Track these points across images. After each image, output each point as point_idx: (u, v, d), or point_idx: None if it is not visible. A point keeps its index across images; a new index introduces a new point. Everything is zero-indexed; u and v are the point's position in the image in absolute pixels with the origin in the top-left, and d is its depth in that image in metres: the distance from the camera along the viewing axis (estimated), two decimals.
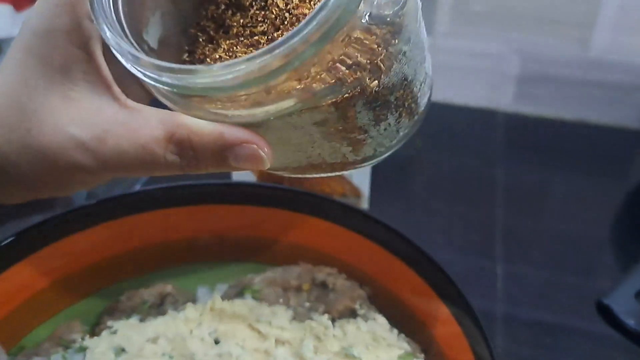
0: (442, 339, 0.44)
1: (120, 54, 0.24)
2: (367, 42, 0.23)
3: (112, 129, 0.26)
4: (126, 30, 0.26)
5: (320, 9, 0.21)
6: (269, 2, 0.26)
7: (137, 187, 0.59)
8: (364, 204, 0.65)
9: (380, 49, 0.24)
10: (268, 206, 0.51)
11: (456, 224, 0.71)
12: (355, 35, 0.23)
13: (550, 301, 0.61)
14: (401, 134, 0.29)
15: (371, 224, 0.47)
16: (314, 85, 0.23)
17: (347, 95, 0.24)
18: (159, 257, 0.50)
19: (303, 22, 0.21)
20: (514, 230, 0.69)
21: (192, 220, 0.51)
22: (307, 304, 0.47)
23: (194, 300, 0.47)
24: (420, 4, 0.26)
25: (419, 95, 0.28)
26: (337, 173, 0.29)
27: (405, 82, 0.26)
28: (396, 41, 0.24)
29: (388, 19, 0.23)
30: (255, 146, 0.25)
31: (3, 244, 0.42)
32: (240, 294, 0.47)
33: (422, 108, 0.29)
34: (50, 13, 0.26)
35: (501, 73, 0.84)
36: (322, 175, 0.29)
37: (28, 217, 0.51)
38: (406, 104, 0.27)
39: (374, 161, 0.29)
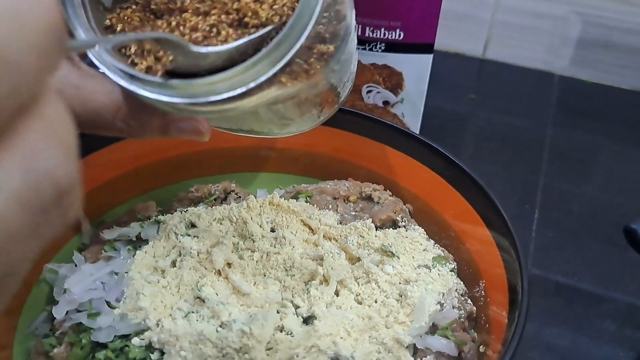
0: (477, 254, 0.47)
1: (113, 72, 0.27)
2: (306, 63, 0.28)
3: (65, 90, 0.27)
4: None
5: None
6: None
7: None
8: None
9: (315, 66, 0.28)
10: (325, 125, 0.55)
11: (500, 173, 0.74)
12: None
13: (576, 268, 0.63)
14: (321, 118, 0.35)
15: (420, 145, 0.51)
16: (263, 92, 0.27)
17: (283, 99, 0.29)
18: (225, 162, 0.56)
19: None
20: (554, 192, 0.71)
21: None
22: (353, 213, 0.52)
23: None
24: (354, 24, 0.31)
25: (342, 92, 0.34)
26: (260, 137, 0.36)
27: (331, 87, 0.32)
28: (330, 62, 0.29)
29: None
30: (196, 122, 0.30)
31: None
32: (294, 197, 0.52)
33: (343, 99, 0.35)
34: None
35: (561, 35, 0.85)
36: (248, 136, 0.36)
37: None
38: (329, 99, 0.33)
39: (294, 134, 0.36)
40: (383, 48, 0.62)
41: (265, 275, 0.43)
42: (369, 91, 0.67)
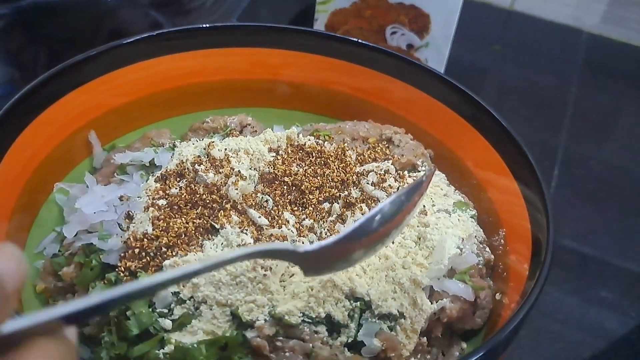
0: (499, 203, 0.46)
1: None
2: None
3: None
4: None
5: None
6: None
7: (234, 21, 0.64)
8: None
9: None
10: (344, 59, 0.53)
11: (520, 128, 0.71)
12: None
13: (592, 228, 0.61)
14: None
15: (447, 87, 0.49)
16: None
17: None
18: (241, 95, 0.54)
19: None
20: (575, 152, 0.69)
21: (272, 61, 0.53)
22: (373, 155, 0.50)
23: None
24: None
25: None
26: None
27: None
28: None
29: None
30: None
31: (124, 42, 0.47)
32: (312, 135, 0.51)
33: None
34: None
35: None
36: None
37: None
38: None
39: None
40: None
41: (280, 210, 0.41)
42: (393, 32, 0.64)
